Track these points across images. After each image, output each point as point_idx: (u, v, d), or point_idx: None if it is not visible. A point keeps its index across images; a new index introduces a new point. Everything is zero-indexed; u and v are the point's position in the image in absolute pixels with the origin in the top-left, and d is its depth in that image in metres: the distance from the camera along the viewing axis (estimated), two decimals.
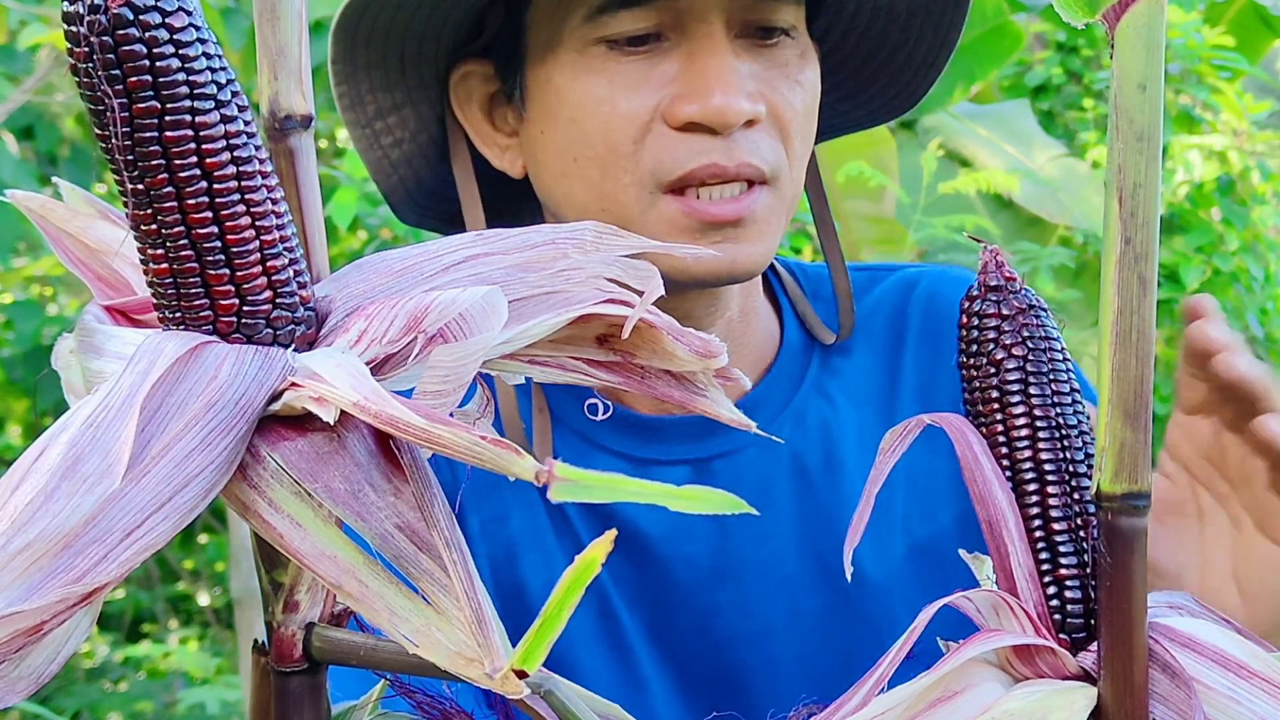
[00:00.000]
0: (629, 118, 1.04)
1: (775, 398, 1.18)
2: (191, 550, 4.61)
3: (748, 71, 1.05)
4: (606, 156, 1.05)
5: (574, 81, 1.06)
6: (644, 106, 1.04)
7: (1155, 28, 0.61)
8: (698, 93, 1.03)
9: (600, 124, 1.05)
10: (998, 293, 0.75)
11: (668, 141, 1.04)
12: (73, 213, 0.69)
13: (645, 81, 1.04)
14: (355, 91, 1.13)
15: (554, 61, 1.06)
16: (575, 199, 1.09)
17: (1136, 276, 0.63)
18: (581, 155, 1.06)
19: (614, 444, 1.15)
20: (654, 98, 1.04)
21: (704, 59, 1.04)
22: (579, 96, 1.05)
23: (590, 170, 1.06)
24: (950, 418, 0.75)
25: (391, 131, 1.16)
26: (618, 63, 1.04)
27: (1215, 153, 4.44)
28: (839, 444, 1.16)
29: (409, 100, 1.14)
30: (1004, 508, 0.72)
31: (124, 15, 0.58)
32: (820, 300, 1.23)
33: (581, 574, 0.54)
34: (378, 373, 0.62)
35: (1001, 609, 0.72)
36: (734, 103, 1.03)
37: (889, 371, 1.20)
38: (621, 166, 1.05)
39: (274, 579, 0.65)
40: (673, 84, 1.04)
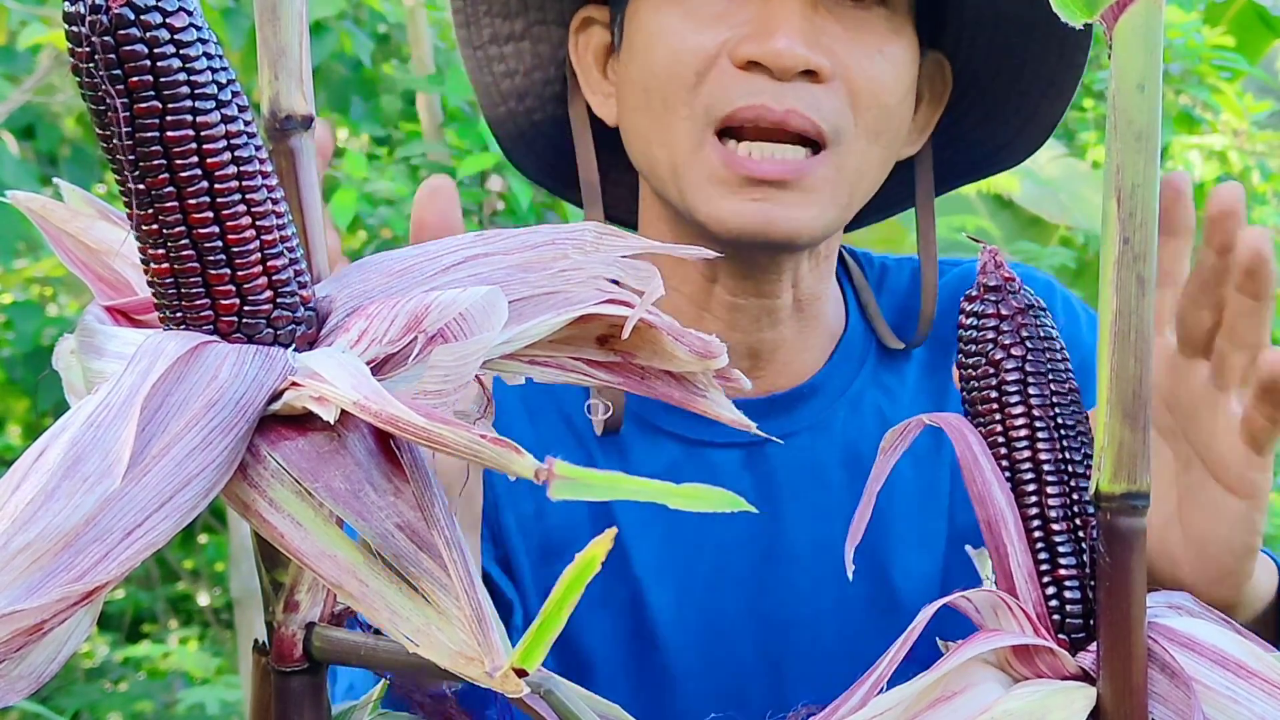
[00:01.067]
0: (696, 50, 1.05)
1: (835, 381, 1.18)
2: (191, 550, 4.61)
3: (824, 27, 1.05)
4: (669, 87, 1.06)
5: (655, 13, 1.07)
6: (712, 41, 1.04)
7: (1154, 28, 0.61)
8: (761, 33, 1.03)
9: (668, 54, 1.05)
10: (996, 293, 0.75)
11: (726, 78, 1.04)
12: (73, 213, 0.69)
13: (721, 19, 1.05)
14: (472, 10, 1.14)
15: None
16: (641, 133, 1.09)
17: (1135, 276, 0.63)
18: (650, 86, 1.07)
19: (669, 425, 1.15)
20: (723, 34, 1.05)
21: (778, 4, 1.04)
22: (656, 27, 1.07)
23: (655, 102, 1.07)
24: (949, 417, 0.75)
25: (505, 60, 1.16)
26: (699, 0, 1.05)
27: (1215, 153, 4.44)
28: None
29: (529, 34, 1.15)
30: (1003, 508, 0.72)
31: (125, 15, 0.58)
32: (885, 294, 1.23)
33: (581, 573, 0.54)
34: (378, 373, 0.62)
35: (1000, 609, 0.72)
36: (794, 47, 1.02)
37: (945, 366, 1.19)
38: (681, 99, 1.05)
39: (274, 579, 0.66)
40: (745, 25, 1.05)
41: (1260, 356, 0.81)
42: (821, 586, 1.13)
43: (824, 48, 1.04)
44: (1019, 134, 1.19)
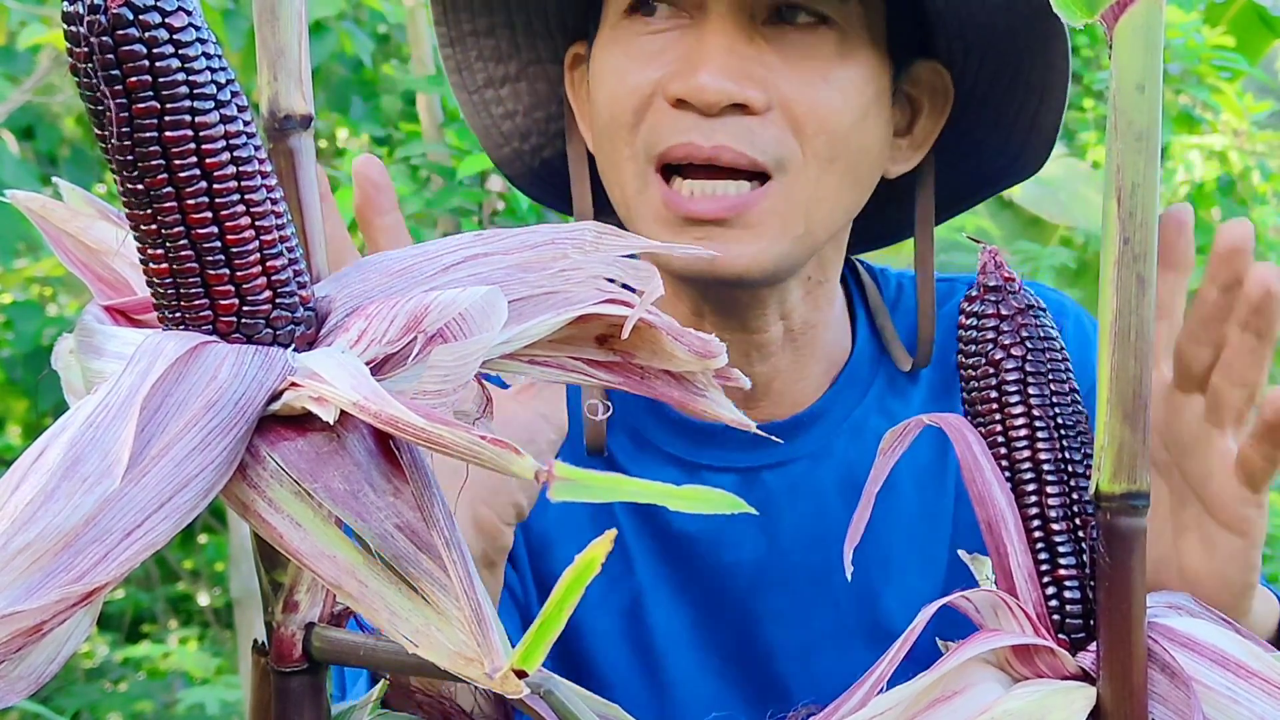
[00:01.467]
0: (633, 90, 1.04)
1: (837, 409, 1.16)
2: (191, 550, 4.61)
3: (759, 58, 1.03)
4: (612, 127, 1.06)
5: (602, 53, 1.07)
6: (648, 80, 1.04)
7: (1154, 28, 0.61)
8: (687, 69, 1.02)
9: (610, 94, 1.06)
10: (996, 293, 0.75)
11: (659, 116, 1.04)
12: (73, 213, 0.69)
13: (657, 57, 1.04)
14: (463, 57, 1.14)
15: (600, 36, 1.09)
16: (605, 170, 1.10)
17: (1135, 276, 0.63)
18: (600, 126, 1.08)
19: (666, 445, 1.14)
20: (659, 72, 1.04)
21: (707, 37, 1.03)
22: (602, 69, 1.07)
23: (605, 142, 1.07)
24: (949, 418, 0.75)
25: (503, 102, 1.17)
26: (637, 36, 1.05)
27: (1215, 153, 4.44)
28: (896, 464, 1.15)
29: (524, 75, 1.16)
30: (1003, 508, 0.72)
31: (124, 15, 0.58)
32: (901, 311, 1.20)
33: (581, 574, 0.54)
34: (377, 373, 0.62)
35: (1000, 609, 0.72)
36: (717, 82, 1.00)
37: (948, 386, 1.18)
38: (623, 139, 1.05)
39: (274, 579, 0.66)
40: (675, 61, 1.04)
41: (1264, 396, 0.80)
42: (815, 614, 1.13)
43: (755, 79, 1.02)
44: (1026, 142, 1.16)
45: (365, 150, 3.61)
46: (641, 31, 1.05)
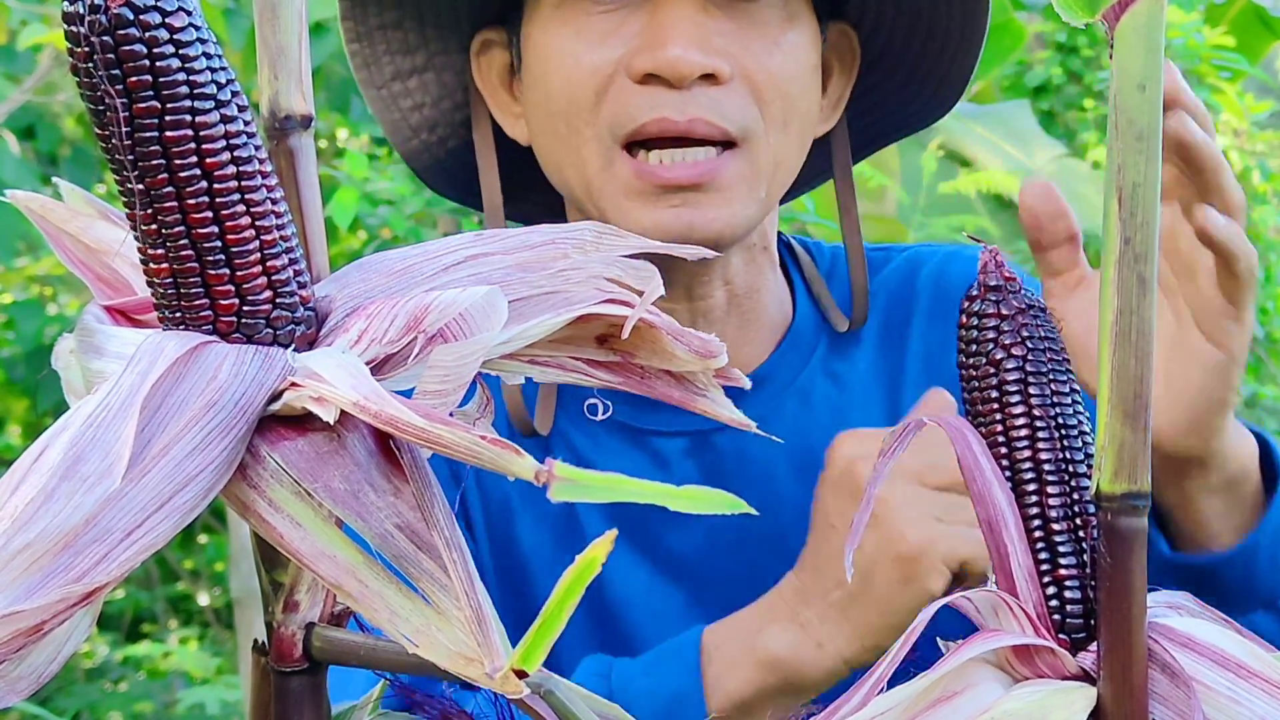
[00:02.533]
0: (591, 70, 1.04)
1: (782, 374, 1.18)
2: (191, 550, 4.61)
3: (716, 28, 1.04)
4: (570, 110, 1.05)
5: (546, 35, 1.06)
6: (606, 60, 1.04)
7: (1155, 28, 0.61)
8: (653, 44, 1.02)
9: (564, 77, 1.05)
10: (997, 293, 0.75)
11: (626, 94, 1.04)
12: (73, 213, 0.69)
13: (611, 35, 1.04)
14: (370, 52, 1.13)
15: (537, 18, 1.07)
16: (552, 155, 1.09)
17: (1136, 276, 0.63)
18: (551, 110, 1.07)
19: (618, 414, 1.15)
20: (617, 51, 1.04)
21: (666, 10, 1.03)
22: (549, 50, 1.06)
23: (559, 125, 1.07)
24: (949, 418, 0.75)
25: (411, 95, 1.16)
26: (587, 15, 1.05)
27: None
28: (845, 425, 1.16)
29: (431, 65, 1.15)
30: (1003, 508, 0.72)
31: (124, 15, 0.58)
32: (836, 280, 1.23)
33: (582, 573, 0.54)
34: (378, 373, 0.62)
35: (1001, 609, 0.72)
36: (687, 54, 1.01)
37: (896, 352, 1.20)
38: (583, 120, 1.05)
39: (274, 579, 0.66)
40: (636, 38, 1.04)
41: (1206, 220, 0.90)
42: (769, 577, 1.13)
43: (719, 49, 1.03)
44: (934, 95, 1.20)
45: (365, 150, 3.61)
46: (591, 11, 1.05)
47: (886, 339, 1.20)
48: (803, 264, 1.23)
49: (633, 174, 1.04)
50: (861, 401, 1.17)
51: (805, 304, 1.21)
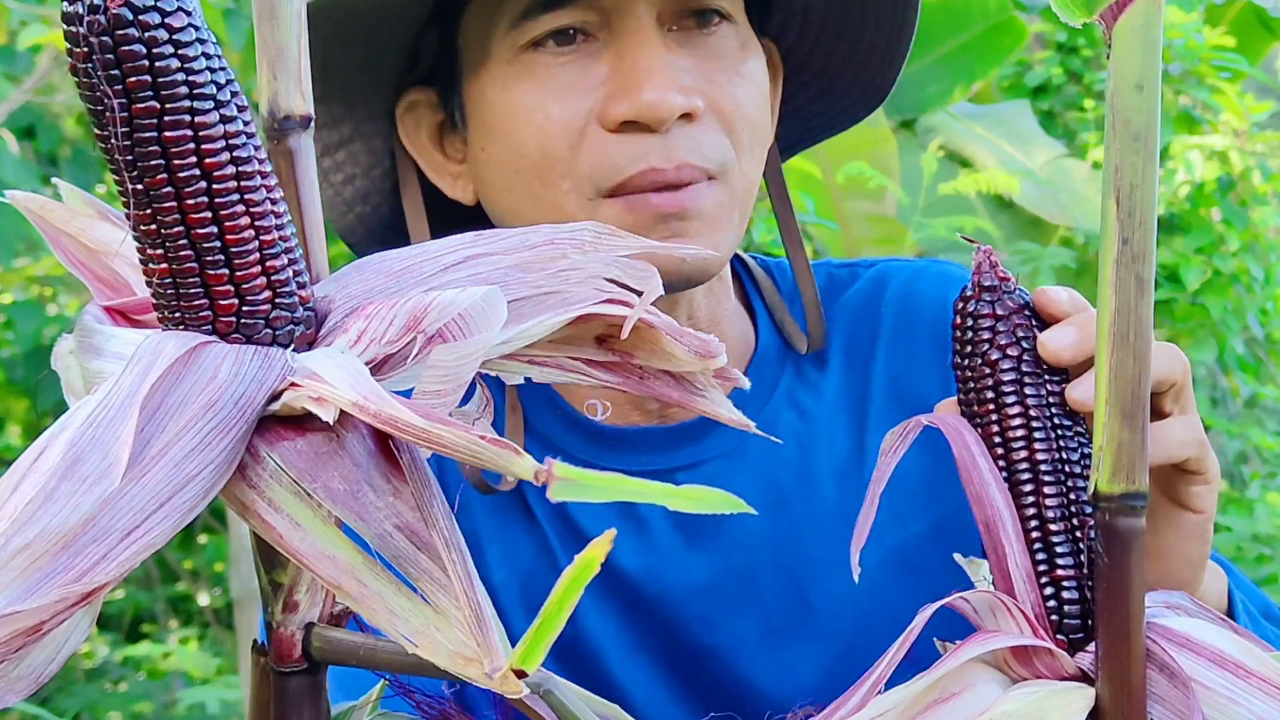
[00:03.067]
0: (562, 123, 1.02)
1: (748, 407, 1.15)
2: (191, 550, 4.61)
3: (682, 65, 1.02)
4: (543, 165, 1.03)
5: (505, 92, 1.04)
6: (577, 111, 1.02)
7: (1152, 28, 0.61)
8: (628, 89, 1.00)
9: (534, 132, 1.02)
10: (992, 293, 0.75)
11: (605, 145, 1.01)
12: (72, 213, 0.69)
13: (577, 85, 1.02)
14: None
15: (486, 75, 1.04)
16: (521, 212, 1.06)
17: (1134, 276, 0.63)
18: (520, 167, 1.04)
19: (579, 451, 1.13)
20: (587, 101, 1.02)
21: (633, 54, 1.01)
22: (511, 107, 1.03)
23: (531, 181, 1.04)
24: (946, 418, 0.75)
25: (341, 168, 1.13)
26: (546, 68, 1.02)
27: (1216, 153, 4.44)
28: (812, 457, 1.14)
29: (358, 134, 1.12)
30: (1001, 508, 0.72)
31: (123, 15, 0.58)
32: (798, 303, 1.20)
33: (580, 574, 0.54)
34: (377, 373, 0.62)
35: (999, 610, 0.72)
36: (666, 97, 1.00)
37: (860, 376, 1.17)
38: (559, 173, 1.02)
39: (273, 579, 0.66)
40: (604, 85, 1.02)
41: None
42: (742, 616, 1.12)
43: (689, 88, 1.02)
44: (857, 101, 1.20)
45: None
46: (550, 64, 1.02)
47: (851, 363, 1.18)
48: (763, 287, 1.21)
49: (625, 209, 1.02)
50: (828, 433, 1.15)
51: (767, 330, 1.19)
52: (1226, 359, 4.47)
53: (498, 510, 1.13)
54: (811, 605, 1.11)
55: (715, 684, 1.12)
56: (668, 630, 1.12)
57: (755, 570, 1.11)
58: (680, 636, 1.12)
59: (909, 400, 1.14)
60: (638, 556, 1.12)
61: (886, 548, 1.09)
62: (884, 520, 1.12)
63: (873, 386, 1.16)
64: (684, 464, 1.12)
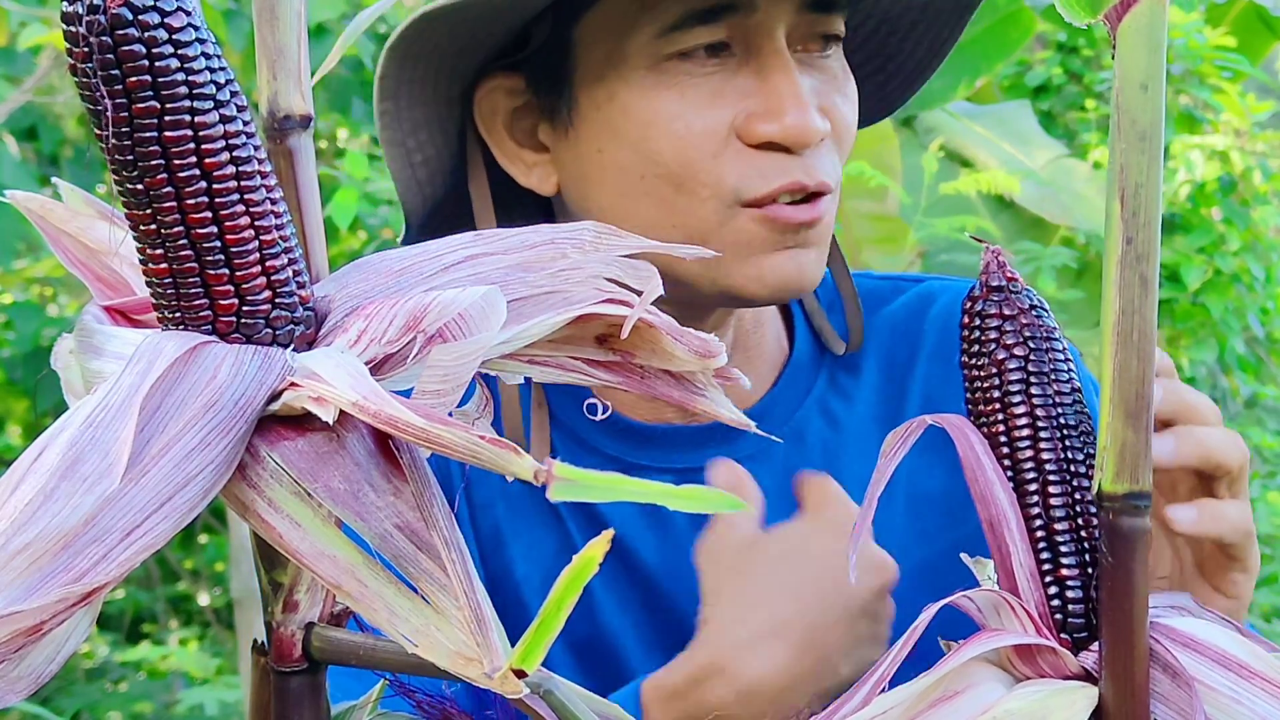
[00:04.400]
0: (705, 134, 1.04)
1: (777, 412, 1.16)
2: (191, 550, 4.61)
3: (810, 87, 1.05)
4: (681, 173, 1.04)
5: (644, 98, 1.04)
6: (720, 122, 1.04)
7: (1157, 27, 0.61)
8: (774, 112, 1.03)
9: (674, 141, 1.04)
10: (999, 293, 0.75)
11: (747, 158, 1.04)
12: (72, 213, 0.69)
13: (719, 97, 1.04)
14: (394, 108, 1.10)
15: (618, 78, 1.05)
16: (639, 216, 1.07)
17: (1138, 276, 0.63)
18: (651, 173, 1.05)
19: (606, 447, 1.14)
20: (729, 113, 1.04)
21: (775, 76, 1.04)
22: (650, 113, 1.04)
23: (662, 187, 1.05)
24: (951, 418, 0.75)
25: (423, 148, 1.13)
26: (690, 77, 1.04)
27: (1217, 153, 4.44)
28: (839, 465, 1.14)
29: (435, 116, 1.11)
30: (1005, 507, 0.72)
31: (123, 15, 0.58)
32: (836, 311, 1.22)
33: (579, 574, 0.54)
34: (377, 373, 0.61)
35: (1003, 609, 0.72)
36: (811, 122, 1.03)
37: (897, 390, 1.18)
38: (700, 181, 1.04)
39: (274, 579, 0.65)
40: (746, 100, 1.04)
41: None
42: None
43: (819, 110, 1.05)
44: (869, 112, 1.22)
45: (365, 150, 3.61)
46: (693, 73, 1.04)
47: (888, 377, 1.19)
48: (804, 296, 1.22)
49: (759, 221, 1.05)
50: (857, 443, 1.16)
51: (804, 335, 1.20)
52: (1227, 359, 4.48)
53: (521, 506, 1.13)
54: None
55: None
56: (686, 627, 1.12)
57: None
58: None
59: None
60: (659, 553, 1.13)
61: (910, 564, 1.09)
62: (907, 537, 1.13)
63: (908, 402, 1.17)
64: (710, 463, 1.13)
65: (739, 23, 1.03)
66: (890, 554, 1.11)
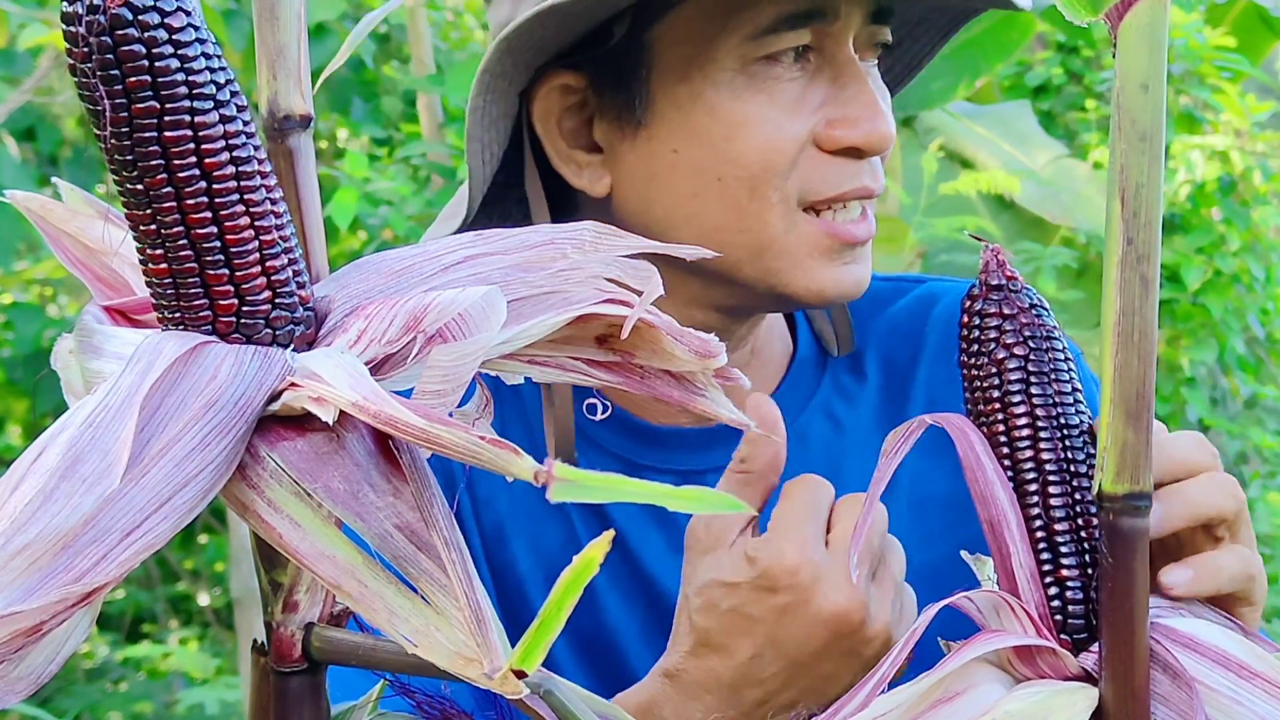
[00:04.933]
0: (791, 139, 1.05)
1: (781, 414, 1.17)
2: (191, 550, 4.61)
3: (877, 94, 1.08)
4: (760, 176, 1.05)
5: (734, 100, 1.05)
6: (803, 128, 1.05)
7: (1158, 27, 0.61)
8: (855, 120, 1.05)
9: (761, 143, 1.05)
10: (999, 292, 0.75)
11: (820, 163, 1.05)
12: (71, 213, 0.69)
13: (801, 103, 1.05)
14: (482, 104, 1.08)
15: (704, 78, 1.05)
16: (706, 219, 1.07)
17: (1139, 277, 0.63)
18: (730, 174, 1.05)
19: (611, 445, 1.15)
20: (810, 120, 1.05)
21: (852, 84, 1.06)
22: (739, 115, 1.05)
23: (737, 190, 1.05)
24: (952, 417, 0.75)
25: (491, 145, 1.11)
26: (777, 81, 1.05)
27: (1217, 153, 4.44)
28: (843, 467, 1.15)
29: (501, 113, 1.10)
30: (1005, 508, 0.72)
31: (122, 15, 0.58)
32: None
33: (579, 574, 0.54)
34: (377, 373, 0.61)
35: (1003, 609, 0.72)
36: (885, 129, 1.06)
37: (899, 392, 1.18)
38: (773, 185, 1.05)
39: (273, 579, 0.65)
40: (824, 108, 1.05)
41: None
42: None
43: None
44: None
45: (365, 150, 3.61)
46: (781, 77, 1.05)
47: (891, 381, 1.19)
48: None
49: (823, 233, 1.06)
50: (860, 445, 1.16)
51: (807, 337, 1.21)
52: (1227, 359, 4.47)
53: (525, 501, 1.14)
54: None
55: None
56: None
57: None
58: None
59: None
60: (663, 551, 1.13)
61: (914, 567, 1.09)
62: (912, 540, 1.12)
63: (911, 404, 1.17)
64: (715, 466, 1.13)
65: (822, 29, 1.05)
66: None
